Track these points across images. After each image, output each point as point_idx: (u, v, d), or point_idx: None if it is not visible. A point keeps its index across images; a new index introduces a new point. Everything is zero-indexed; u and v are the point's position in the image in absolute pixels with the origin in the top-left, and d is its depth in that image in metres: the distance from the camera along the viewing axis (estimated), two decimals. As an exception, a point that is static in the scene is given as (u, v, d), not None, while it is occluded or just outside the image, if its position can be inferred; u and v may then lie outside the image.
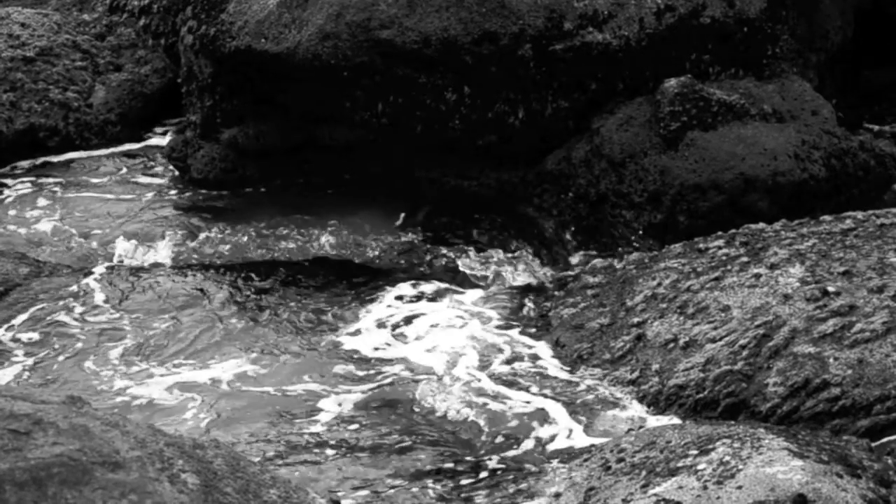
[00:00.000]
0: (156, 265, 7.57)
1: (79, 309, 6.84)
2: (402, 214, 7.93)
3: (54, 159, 8.87)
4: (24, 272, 7.20)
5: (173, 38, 9.12)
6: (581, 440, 5.89)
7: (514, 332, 6.71)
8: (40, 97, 9.02)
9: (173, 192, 8.41)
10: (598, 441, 5.83)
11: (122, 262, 7.62)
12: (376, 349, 6.60)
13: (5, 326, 6.77)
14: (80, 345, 6.59)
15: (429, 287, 7.15)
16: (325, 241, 7.78)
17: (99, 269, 7.38)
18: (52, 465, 4.18)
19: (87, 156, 8.92)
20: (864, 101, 9.03)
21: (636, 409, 6.09)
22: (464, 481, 5.61)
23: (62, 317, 6.80)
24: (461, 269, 7.50)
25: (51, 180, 8.62)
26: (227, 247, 7.76)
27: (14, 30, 9.32)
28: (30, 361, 6.46)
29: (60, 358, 6.50)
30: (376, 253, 7.65)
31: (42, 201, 8.37)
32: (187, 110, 8.58)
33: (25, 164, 8.81)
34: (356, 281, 7.27)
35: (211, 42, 8.12)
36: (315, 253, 7.71)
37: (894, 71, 9.28)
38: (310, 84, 7.90)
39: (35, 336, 6.66)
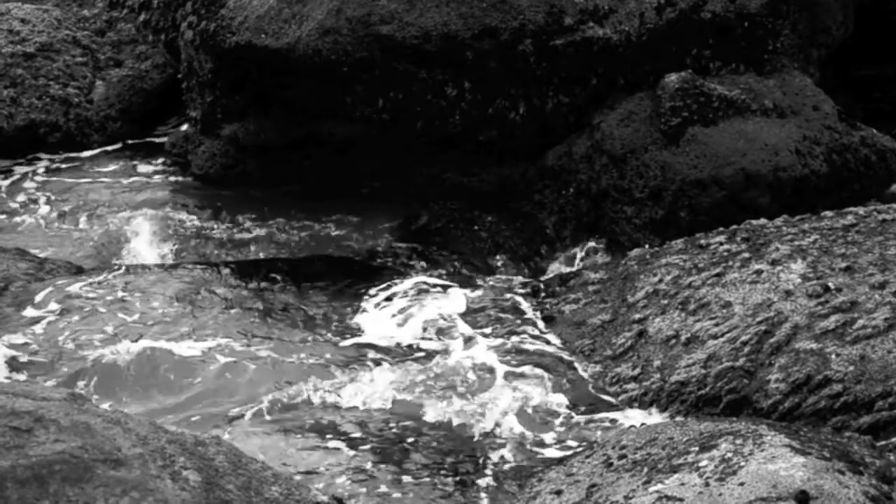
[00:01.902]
0: (156, 261, 7.57)
1: (78, 305, 6.83)
2: (403, 210, 7.93)
3: (54, 155, 8.86)
4: (23, 268, 7.20)
5: (173, 34, 9.11)
6: (582, 437, 5.89)
7: (515, 329, 6.70)
8: (40, 93, 9.00)
9: (174, 187, 8.40)
10: (599, 438, 5.83)
11: (122, 258, 7.62)
12: (377, 345, 6.60)
13: (4, 322, 6.76)
14: (79, 341, 6.58)
15: (429, 283, 7.14)
16: (326, 237, 7.77)
17: (99, 266, 7.38)
18: (53, 463, 4.18)
19: (88, 152, 8.91)
20: (864, 98, 9.03)
21: (638, 406, 6.08)
22: (465, 478, 5.60)
23: (61, 313, 6.79)
24: (461, 265, 7.49)
25: (51, 177, 8.61)
26: (228, 242, 7.76)
27: (14, 25, 9.30)
28: (28, 357, 6.46)
29: (59, 354, 6.49)
30: (377, 249, 7.65)
31: (42, 198, 8.36)
32: (188, 106, 8.57)
33: (26, 160, 8.80)
34: (357, 276, 7.26)
35: (211, 37, 8.11)
36: (315, 249, 7.71)
37: (894, 67, 9.28)
38: (310, 79, 7.89)
39: (34, 333, 6.65)
